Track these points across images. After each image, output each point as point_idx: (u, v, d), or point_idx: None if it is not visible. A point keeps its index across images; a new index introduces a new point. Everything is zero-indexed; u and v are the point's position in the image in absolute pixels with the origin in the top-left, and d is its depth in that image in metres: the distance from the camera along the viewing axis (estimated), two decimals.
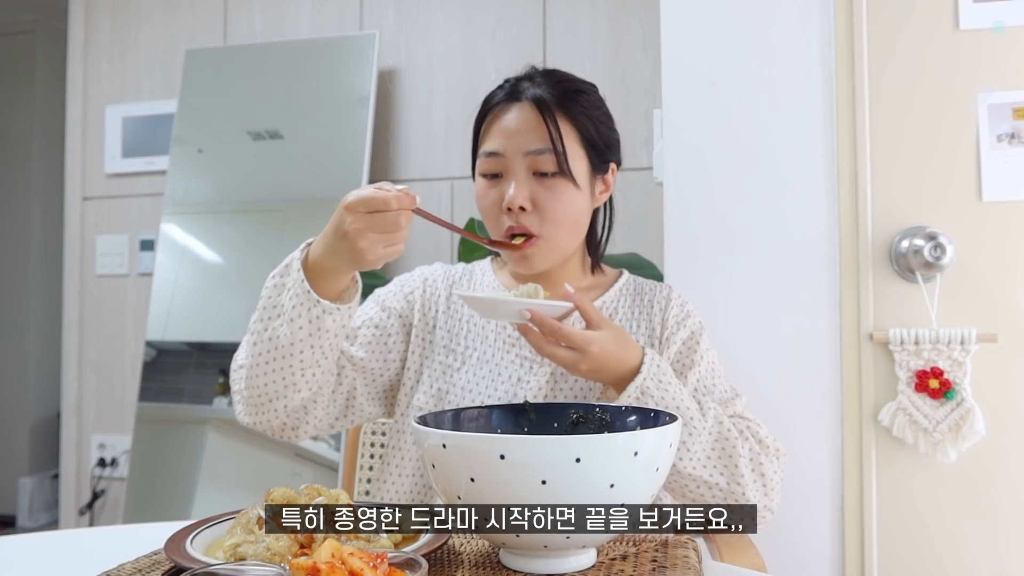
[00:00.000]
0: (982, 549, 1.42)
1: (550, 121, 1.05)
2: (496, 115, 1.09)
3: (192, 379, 2.66)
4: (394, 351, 1.13)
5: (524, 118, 1.06)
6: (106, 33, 3.00)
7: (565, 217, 1.07)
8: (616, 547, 0.80)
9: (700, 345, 1.13)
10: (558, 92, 1.07)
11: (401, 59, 2.69)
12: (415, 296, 1.16)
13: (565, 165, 1.05)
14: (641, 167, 2.39)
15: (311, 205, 2.62)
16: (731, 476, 1.03)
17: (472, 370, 1.10)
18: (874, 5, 1.49)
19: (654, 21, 2.05)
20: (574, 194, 1.07)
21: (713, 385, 1.13)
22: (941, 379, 1.41)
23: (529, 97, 1.07)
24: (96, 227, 3.00)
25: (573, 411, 0.88)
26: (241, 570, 0.60)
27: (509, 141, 1.06)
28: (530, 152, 1.05)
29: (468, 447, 0.69)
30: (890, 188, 1.47)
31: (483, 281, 1.19)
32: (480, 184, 1.10)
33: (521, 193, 1.04)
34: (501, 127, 1.07)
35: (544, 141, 1.05)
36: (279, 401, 1.01)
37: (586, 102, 1.10)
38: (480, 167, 1.10)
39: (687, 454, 1.01)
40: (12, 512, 3.80)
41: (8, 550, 0.90)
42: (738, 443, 1.03)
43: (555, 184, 1.05)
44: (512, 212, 1.05)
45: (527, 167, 1.05)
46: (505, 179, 1.07)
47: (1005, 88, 1.44)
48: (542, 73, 1.11)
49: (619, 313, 1.15)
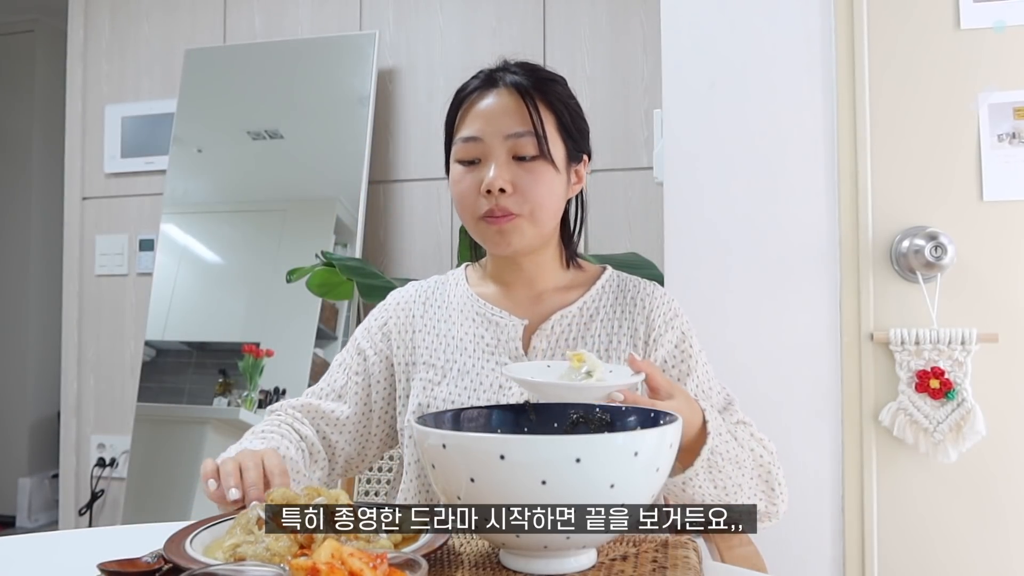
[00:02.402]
0: (982, 549, 1.42)
1: (530, 104, 1.05)
2: (473, 101, 1.09)
3: (192, 379, 2.66)
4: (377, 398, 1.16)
5: (503, 103, 1.06)
6: (105, 33, 3.00)
7: (545, 199, 1.06)
8: (616, 547, 0.80)
9: (692, 349, 1.12)
10: (534, 79, 1.08)
11: (401, 59, 2.69)
12: (390, 326, 1.16)
13: (545, 147, 1.05)
14: (641, 167, 2.39)
15: (311, 205, 2.62)
16: (769, 497, 1.04)
17: (453, 382, 1.09)
18: (874, 5, 1.49)
19: (654, 21, 2.05)
20: (553, 176, 1.07)
21: (710, 390, 1.11)
22: (942, 379, 1.41)
23: (508, 83, 1.08)
24: (96, 227, 2.99)
25: (573, 411, 0.88)
26: (241, 570, 0.60)
27: (488, 125, 1.06)
28: (510, 135, 1.05)
29: (468, 447, 0.69)
30: (890, 188, 1.47)
31: (456, 292, 1.17)
32: (456, 170, 1.09)
33: (502, 175, 1.04)
34: (479, 112, 1.08)
35: (524, 124, 1.05)
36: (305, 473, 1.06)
37: (560, 91, 1.10)
38: (456, 153, 1.09)
39: (741, 494, 1.00)
40: (11, 512, 3.79)
41: (8, 550, 0.90)
42: (771, 465, 1.04)
43: (535, 167, 1.05)
44: (491, 195, 1.04)
45: (507, 150, 1.05)
46: (483, 163, 1.06)
47: (1006, 88, 1.44)
48: (517, 63, 1.12)
49: (601, 312, 1.12)
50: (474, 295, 1.15)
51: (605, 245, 2.36)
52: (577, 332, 1.11)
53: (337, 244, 2.53)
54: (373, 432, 1.16)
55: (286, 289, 2.44)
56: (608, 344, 1.10)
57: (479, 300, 1.14)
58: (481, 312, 1.12)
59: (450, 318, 1.14)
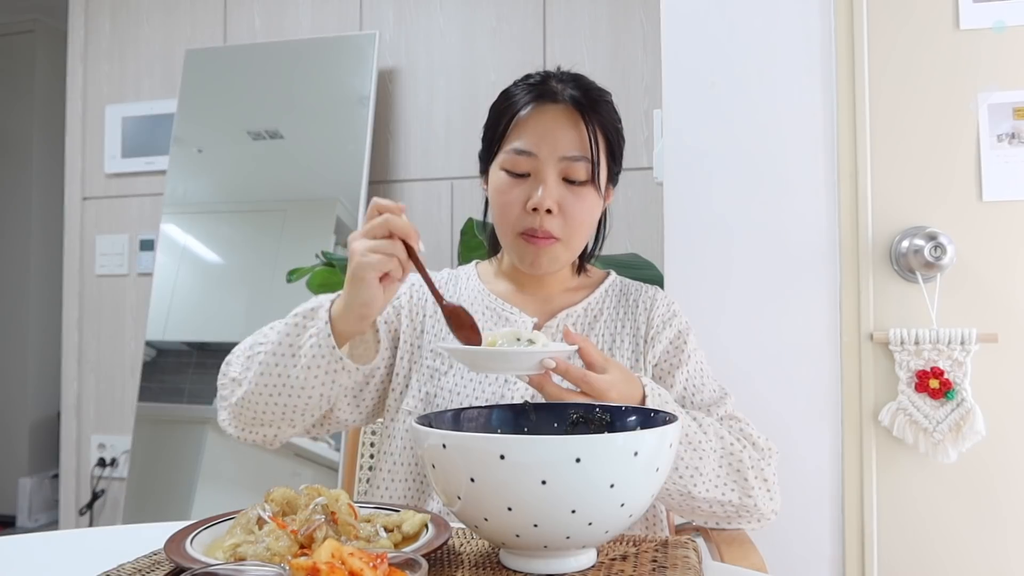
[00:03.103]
0: (982, 549, 1.42)
1: (589, 129, 1.03)
2: (531, 113, 1.05)
3: (192, 379, 2.66)
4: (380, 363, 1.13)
5: (561, 121, 1.04)
6: (106, 33, 3.00)
7: (585, 224, 1.07)
8: (616, 547, 0.80)
9: (687, 345, 1.13)
10: (589, 99, 1.06)
11: (401, 59, 2.69)
12: (401, 302, 1.16)
13: (596, 175, 1.05)
14: (641, 167, 2.39)
15: (311, 205, 2.62)
16: (742, 490, 1.02)
17: (460, 373, 1.10)
18: (874, 5, 1.49)
19: (654, 21, 2.05)
20: (596, 202, 1.07)
21: (702, 384, 1.12)
22: (941, 379, 1.41)
23: (567, 98, 1.05)
24: (96, 227, 3.00)
25: (573, 411, 0.88)
26: (241, 570, 0.60)
27: (544, 142, 1.04)
28: (565, 157, 1.03)
29: (468, 447, 0.69)
30: (890, 188, 1.47)
31: (468, 287, 1.18)
32: (502, 179, 1.07)
33: (551, 196, 1.03)
34: (536, 126, 1.05)
35: (581, 149, 1.03)
36: (271, 428, 1.03)
37: (611, 111, 1.09)
38: (506, 163, 1.06)
39: (699, 478, 0.99)
40: (12, 512, 3.80)
41: (8, 550, 0.90)
42: (743, 454, 1.03)
43: (583, 192, 1.05)
44: (537, 213, 1.04)
45: (559, 171, 1.04)
46: (533, 179, 1.04)
47: (1005, 88, 1.44)
48: (571, 76, 1.09)
49: (604, 313, 1.15)
50: (486, 290, 1.17)
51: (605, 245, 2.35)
52: (581, 330, 1.14)
53: (337, 244, 2.54)
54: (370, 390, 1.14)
55: (286, 289, 2.45)
56: (612, 343, 1.13)
57: (491, 295, 1.15)
58: (492, 307, 1.14)
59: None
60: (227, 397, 1.04)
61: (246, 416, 1.02)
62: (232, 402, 1.02)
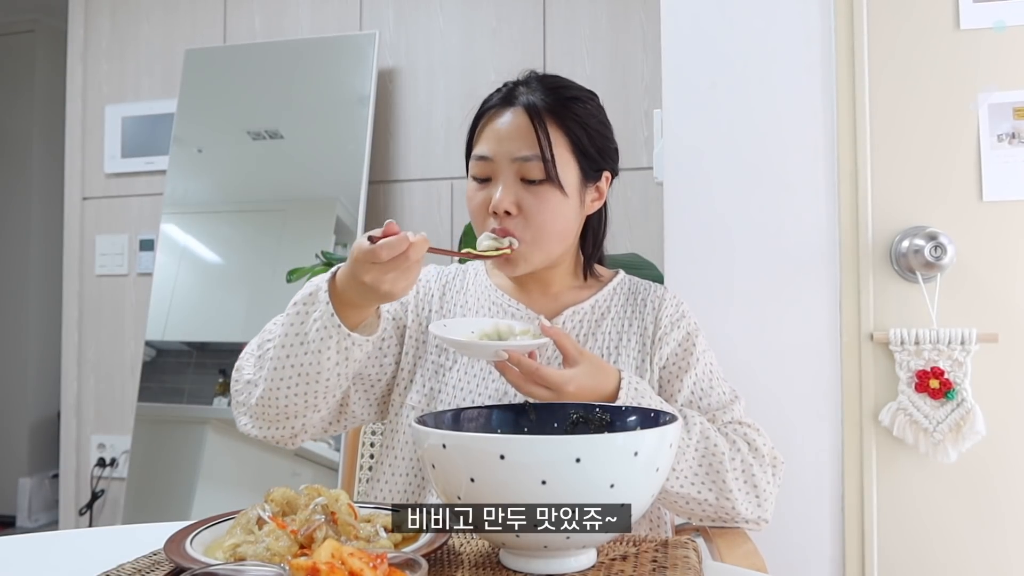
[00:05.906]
0: (981, 549, 1.42)
1: (540, 128, 1.05)
2: (489, 118, 1.10)
3: (192, 379, 2.66)
4: (389, 355, 1.14)
5: (515, 124, 1.06)
6: (106, 33, 3.00)
7: (550, 224, 1.07)
8: (616, 547, 0.80)
9: (696, 347, 1.13)
10: (552, 99, 1.07)
11: (401, 59, 2.69)
12: (408, 296, 1.16)
13: (553, 173, 1.05)
14: (641, 167, 2.39)
15: (311, 205, 2.62)
16: (719, 491, 1.03)
17: (464, 369, 1.11)
18: (874, 5, 1.49)
19: (654, 21, 2.05)
20: (560, 201, 1.07)
21: (710, 388, 1.12)
22: (941, 379, 1.41)
23: (522, 103, 1.07)
24: (96, 227, 2.99)
25: (573, 411, 0.88)
26: (241, 570, 0.60)
27: (499, 146, 1.06)
28: (518, 158, 1.05)
29: (468, 447, 0.69)
30: (890, 188, 1.47)
31: (476, 282, 1.19)
32: (470, 186, 1.11)
33: (507, 198, 1.05)
34: (492, 131, 1.08)
35: (532, 148, 1.05)
36: (297, 420, 1.03)
37: (581, 110, 1.09)
38: (473, 169, 1.10)
39: (672, 473, 1.00)
40: (12, 512, 3.80)
41: (8, 550, 0.90)
42: (725, 456, 1.03)
43: (541, 191, 1.06)
44: (498, 216, 1.06)
45: (515, 172, 1.06)
46: (493, 183, 1.07)
47: (1005, 88, 1.44)
48: (539, 79, 1.11)
49: (612, 312, 1.15)
50: (493, 286, 1.17)
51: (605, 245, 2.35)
52: (588, 329, 1.14)
53: (337, 244, 2.53)
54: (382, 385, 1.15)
55: (286, 289, 2.44)
56: (618, 341, 1.13)
57: (497, 291, 1.16)
58: (498, 303, 1.15)
59: (466, 304, 1.15)
60: (245, 401, 1.05)
61: (269, 414, 1.02)
62: (252, 404, 1.03)
